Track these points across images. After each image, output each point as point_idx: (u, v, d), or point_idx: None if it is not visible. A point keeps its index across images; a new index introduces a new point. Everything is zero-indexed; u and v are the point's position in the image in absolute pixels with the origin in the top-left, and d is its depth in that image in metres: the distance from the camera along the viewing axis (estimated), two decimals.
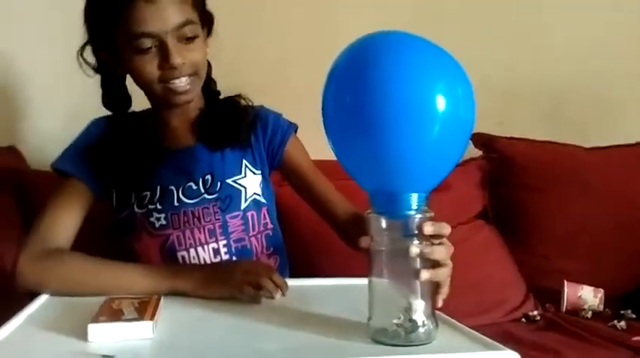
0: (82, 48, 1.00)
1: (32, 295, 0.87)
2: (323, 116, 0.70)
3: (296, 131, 1.10)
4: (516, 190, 1.55)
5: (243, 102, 1.06)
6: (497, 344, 0.68)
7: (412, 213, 0.68)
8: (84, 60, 1.00)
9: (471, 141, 1.56)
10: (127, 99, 1.04)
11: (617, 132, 1.69)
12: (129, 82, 1.02)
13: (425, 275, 0.68)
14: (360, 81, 0.66)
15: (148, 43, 0.92)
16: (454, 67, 0.67)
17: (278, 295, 0.84)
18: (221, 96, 1.08)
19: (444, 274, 0.72)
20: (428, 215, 0.69)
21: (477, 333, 0.72)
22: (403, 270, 0.70)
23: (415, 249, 0.68)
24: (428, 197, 0.70)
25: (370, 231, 0.71)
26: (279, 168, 1.10)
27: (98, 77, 1.03)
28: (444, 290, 0.73)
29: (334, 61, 0.69)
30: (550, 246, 1.51)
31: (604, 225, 1.51)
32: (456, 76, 0.67)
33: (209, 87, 1.07)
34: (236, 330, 0.74)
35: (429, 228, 0.68)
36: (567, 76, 1.74)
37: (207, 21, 1.01)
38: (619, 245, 1.51)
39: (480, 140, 1.56)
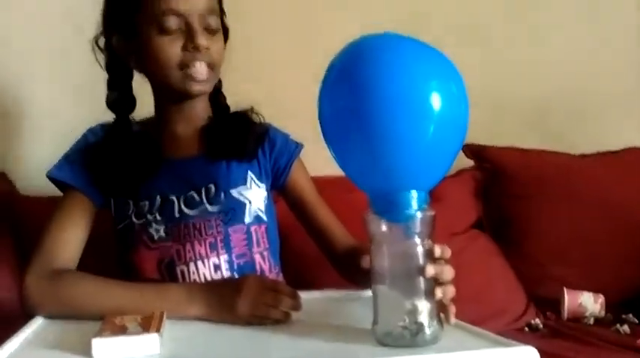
0: (97, 37, 1.00)
1: (29, 317, 0.84)
2: (320, 119, 0.70)
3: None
4: (509, 199, 1.56)
5: (254, 116, 1.05)
6: (512, 341, 0.67)
7: (412, 211, 0.68)
8: (98, 47, 1.00)
9: (462, 152, 1.59)
10: (132, 101, 1.02)
11: (601, 139, 1.72)
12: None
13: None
14: (355, 82, 0.66)
15: (174, 23, 0.91)
16: (447, 65, 0.69)
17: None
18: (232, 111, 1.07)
19: (452, 292, 0.72)
20: (429, 213, 0.69)
21: (490, 333, 0.71)
22: (406, 272, 0.70)
23: (431, 269, 0.68)
24: (428, 196, 0.70)
25: (370, 233, 0.71)
26: (281, 189, 1.08)
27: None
28: (453, 308, 0.73)
29: (329, 65, 0.70)
30: (546, 253, 1.52)
31: (597, 230, 1.52)
32: (450, 74, 0.68)
33: (218, 99, 1.06)
34: (244, 342, 0.74)
35: (437, 251, 0.71)
36: (553, 87, 1.77)
37: (224, 28, 1.01)
38: (614, 250, 1.52)
39: (472, 150, 1.58)
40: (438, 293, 0.69)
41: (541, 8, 1.74)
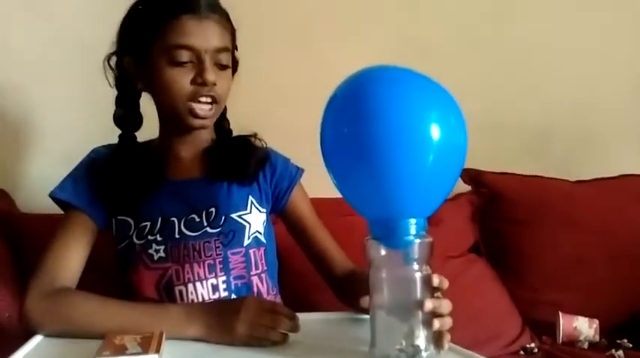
0: (110, 55, 1.01)
1: (29, 336, 0.85)
2: (321, 146, 0.72)
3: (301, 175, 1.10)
4: (506, 224, 1.57)
5: (257, 142, 1.06)
6: None
7: (411, 238, 0.70)
8: (109, 66, 1.01)
9: (460, 177, 1.60)
10: (139, 118, 1.03)
11: (598, 166, 1.74)
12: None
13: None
14: (357, 111, 0.69)
15: (185, 56, 0.93)
16: (446, 97, 0.71)
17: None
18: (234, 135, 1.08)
19: (449, 323, 0.74)
20: (427, 240, 0.71)
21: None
22: (404, 297, 0.71)
23: (429, 303, 0.70)
24: (426, 223, 0.71)
25: (369, 258, 0.72)
26: (281, 213, 1.09)
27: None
28: (448, 337, 0.74)
29: (332, 93, 0.72)
30: (542, 278, 1.53)
31: (594, 256, 1.53)
32: (449, 105, 0.70)
33: (222, 124, 1.07)
34: None
35: (435, 280, 0.72)
36: (553, 113, 1.80)
37: (234, 61, 1.03)
38: (610, 275, 1.52)
39: (469, 175, 1.59)
40: (436, 324, 0.71)
41: (543, 35, 1.77)
